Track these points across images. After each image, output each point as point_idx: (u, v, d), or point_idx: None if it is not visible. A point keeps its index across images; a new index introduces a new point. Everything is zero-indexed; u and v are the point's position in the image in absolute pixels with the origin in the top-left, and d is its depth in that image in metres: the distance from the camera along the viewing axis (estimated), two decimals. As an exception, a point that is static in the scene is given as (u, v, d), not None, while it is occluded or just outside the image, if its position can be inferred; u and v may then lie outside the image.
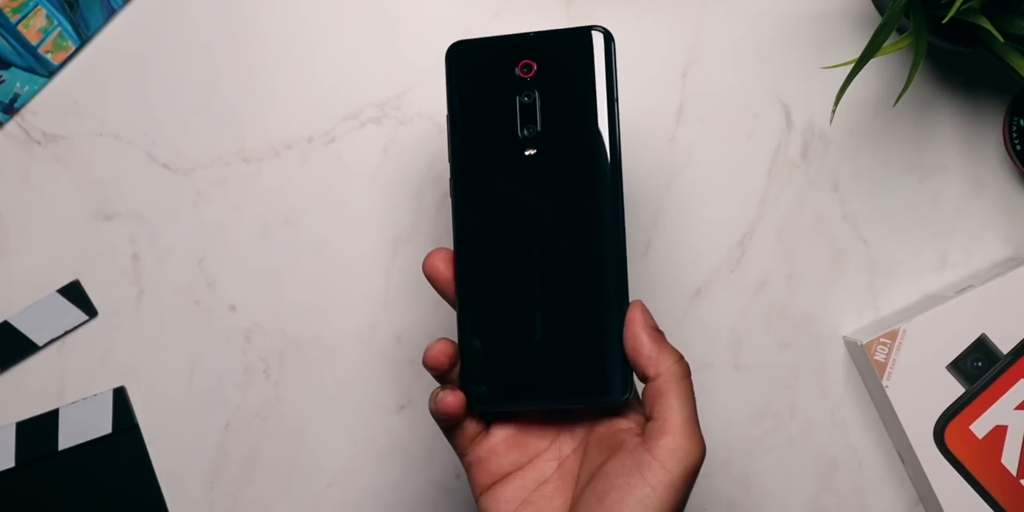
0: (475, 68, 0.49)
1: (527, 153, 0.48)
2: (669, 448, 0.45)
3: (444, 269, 0.49)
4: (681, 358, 0.47)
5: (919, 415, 0.59)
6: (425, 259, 0.50)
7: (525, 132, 0.48)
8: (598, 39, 0.48)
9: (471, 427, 0.49)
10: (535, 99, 0.48)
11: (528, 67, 0.48)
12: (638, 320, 0.48)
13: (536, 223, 0.48)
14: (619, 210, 0.48)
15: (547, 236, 0.48)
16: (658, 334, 0.48)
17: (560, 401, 0.48)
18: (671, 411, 0.46)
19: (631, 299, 0.48)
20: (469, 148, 0.49)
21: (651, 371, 0.47)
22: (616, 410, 0.49)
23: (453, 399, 0.48)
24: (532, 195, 0.48)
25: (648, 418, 0.47)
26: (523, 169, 0.48)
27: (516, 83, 0.49)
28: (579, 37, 0.48)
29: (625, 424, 0.48)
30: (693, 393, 0.47)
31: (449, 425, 0.49)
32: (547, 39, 0.49)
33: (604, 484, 0.46)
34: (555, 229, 0.48)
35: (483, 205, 0.49)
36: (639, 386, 0.50)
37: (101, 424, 0.62)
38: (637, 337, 0.47)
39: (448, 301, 0.50)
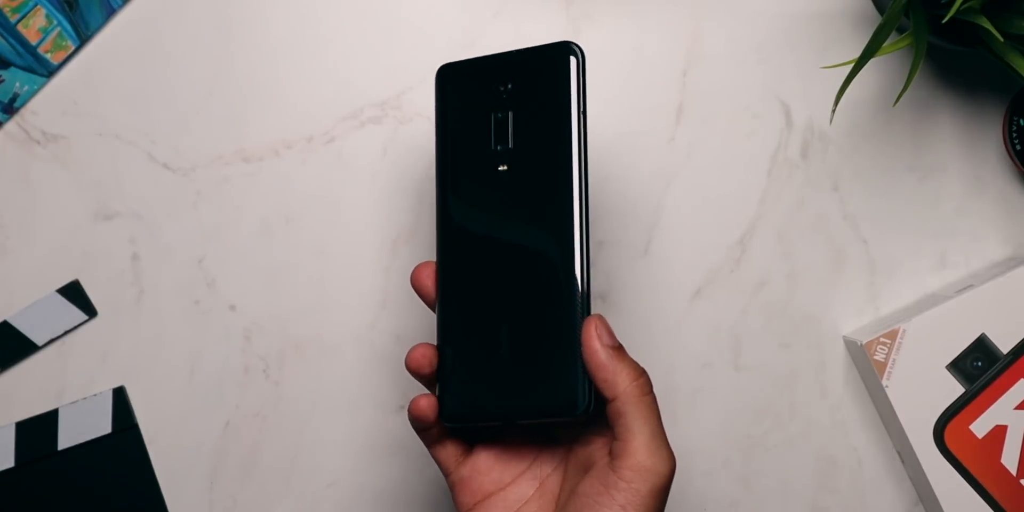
0: (460, 88, 0.50)
1: (500, 169, 0.49)
2: (632, 468, 0.45)
3: (430, 283, 0.50)
4: (639, 375, 0.46)
5: (919, 415, 0.59)
6: (412, 273, 0.50)
7: (498, 148, 0.49)
8: (566, 56, 0.49)
9: (453, 445, 0.50)
10: (507, 116, 0.49)
11: (503, 85, 0.50)
12: (593, 337, 0.46)
13: (506, 237, 0.49)
14: (583, 227, 0.48)
15: (515, 251, 0.49)
16: (615, 351, 0.47)
17: (521, 417, 0.48)
18: (631, 432, 0.46)
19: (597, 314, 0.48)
20: (451, 164, 0.50)
21: (609, 393, 0.46)
22: (592, 428, 0.49)
23: (426, 402, 0.48)
24: (503, 210, 0.49)
25: (614, 438, 0.47)
26: (496, 184, 0.49)
27: (493, 101, 0.50)
28: (549, 54, 0.49)
29: (599, 443, 0.48)
30: (656, 409, 0.46)
31: (426, 437, 0.49)
32: (521, 57, 0.50)
33: (577, 504, 0.46)
34: (522, 244, 0.48)
35: (461, 219, 0.50)
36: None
37: (101, 424, 0.62)
38: (592, 357, 0.46)
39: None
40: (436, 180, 0.50)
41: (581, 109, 0.48)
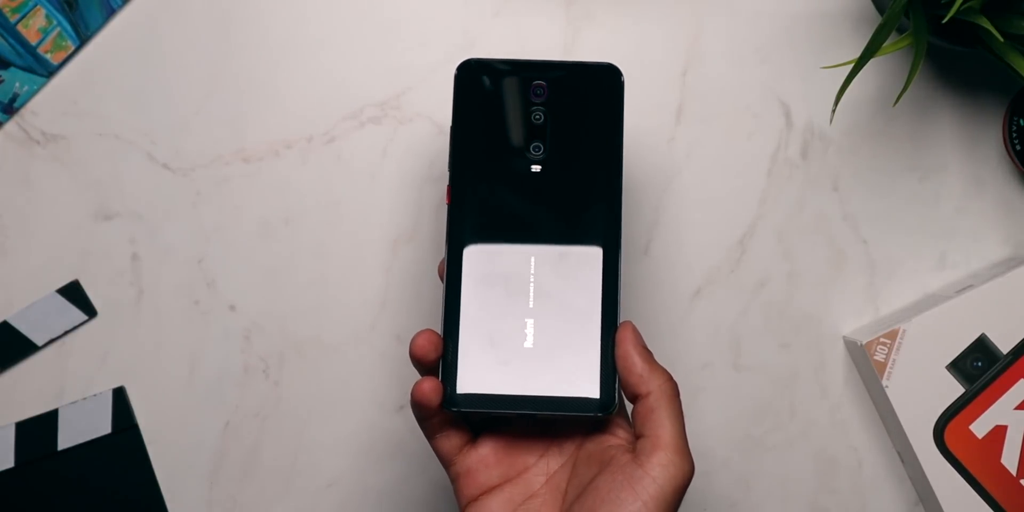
0: (486, 86, 0.52)
1: (533, 169, 0.51)
2: (662, 463, 0.46)
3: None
4: (670, 377, 0.48)
5: (919, 415, 0.59)
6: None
7: (532, 150, 0.51)
8: (611, 75, 0.51)
9: (456, 435, 0.49)
10: (545, 120, 0.51)
11: (540, 90, 0.51)
12: (629, 340, 0.48)
13: (535, 235, 0.50)
14: (617, 233, 0.50)
15: (544, 248, 0.50)
16: (648, 354, 0.48)
17: (544, 411, 0.48)
18: (663, 428, 0.46)
19: (621, 319, 0.49)
20: (474, 159, 0.51)
21: (642, 389, 0.47)
22: (603, 426, 0.49)
23: (429, 385, 0.47)
24: (534, 209, 0.50)
25: (639, 435, 0.47)
26: (527, 184, 0.50)
27: (527, 104, 0.51)
28: (592, 71, 0.51)
29: (615, 441, 0.48)
30: (682, 412, 0.47)
31: (427, 426, 0.49)
32: (560, 69, 0.51)
33: (594, 499, 0.46)
34: (553, 243, 0.50)
35: (483, 213, 0.50)
36: (627, 405, 0.50)
37: (101, 424, 0.62)
38: (628, 356, 0.48)
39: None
40: (451, 173, 0.51)
41: (620, 126, 0.51)
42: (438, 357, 0.48)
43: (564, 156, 0.51)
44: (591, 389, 0.48)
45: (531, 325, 0.49)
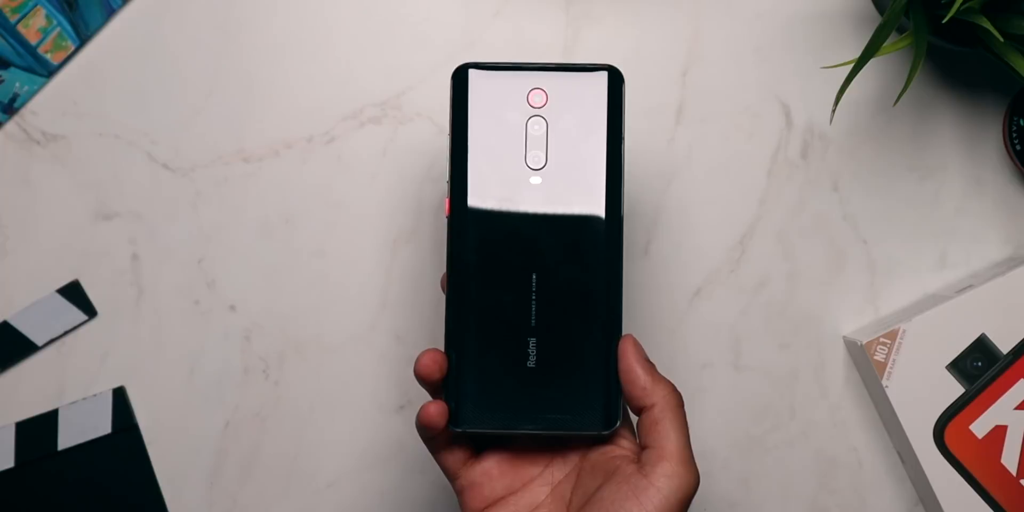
0: (484, 92, 0.50)
1: (532, 181, 0.49)
2: (667, 474, 0.46)
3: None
4: (674, 389, 0.48)
5: (919, 415, 0.59)
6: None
7: (532, 160, 0.49)
8: (611, 79, 0.50)
9: (460, 450, 0.49)
10: (544, 129, 0.49)
11: (540, 97, 0.49)
12: (631, 352, 0.48)
13: (535, 250, 0.49)
14: (618, 245, 0.49)
15: (545, 264, 0.49)
16: (651, 366, 0.48)
17: (547, 429, 0.48)
18: (668, 439, 0.47)
19: (623, 332, 0.49)
20: (472, 170, 0.49)
21: (646, 401, 0.47)
22: (607, 439, 0.49)
23: (435, 409, 0.47)
24: (534, 223, 0.49)
25: (644, 446, 0.47)
26: (527, 196, 0.49)
27: (526, 111, 0.49)
28: (592, 74, 0.50)
29: (619, 451, 0.48)
30: (686, 423, 0.48)
31: (433, 443, 0.49)
32: (559, 72, 0.50)
33: (599, 509, 0.46)
34: (554, 258, 0.49)
35: (483, 227, 0.49)
36: (632, 417, 0.50)
37: (101, 424, 0.62)
38: (632, 369, 0.48)
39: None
40: (450, 186, 0.49)
41: (621, 131, 0.50)
42: (443, 376, 0.48)
43: (565, 164, 0.49)
44: (595, 406, 0.48)
45: (533, 344, 0.49)
